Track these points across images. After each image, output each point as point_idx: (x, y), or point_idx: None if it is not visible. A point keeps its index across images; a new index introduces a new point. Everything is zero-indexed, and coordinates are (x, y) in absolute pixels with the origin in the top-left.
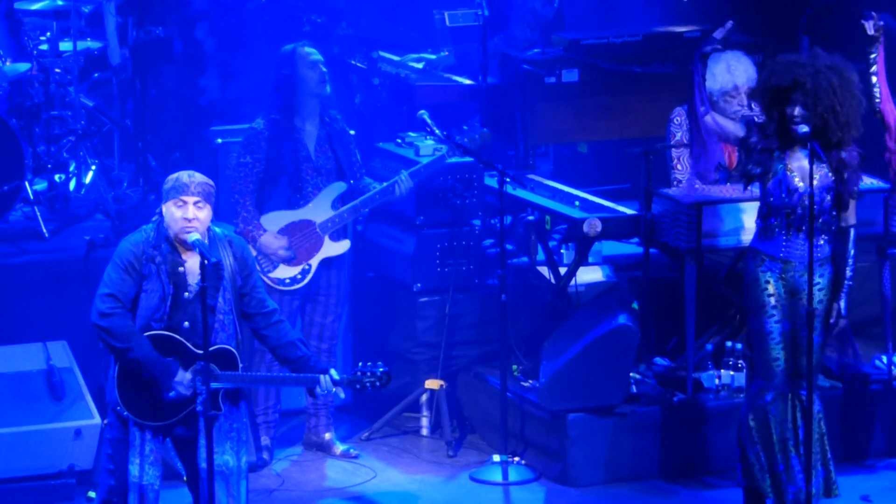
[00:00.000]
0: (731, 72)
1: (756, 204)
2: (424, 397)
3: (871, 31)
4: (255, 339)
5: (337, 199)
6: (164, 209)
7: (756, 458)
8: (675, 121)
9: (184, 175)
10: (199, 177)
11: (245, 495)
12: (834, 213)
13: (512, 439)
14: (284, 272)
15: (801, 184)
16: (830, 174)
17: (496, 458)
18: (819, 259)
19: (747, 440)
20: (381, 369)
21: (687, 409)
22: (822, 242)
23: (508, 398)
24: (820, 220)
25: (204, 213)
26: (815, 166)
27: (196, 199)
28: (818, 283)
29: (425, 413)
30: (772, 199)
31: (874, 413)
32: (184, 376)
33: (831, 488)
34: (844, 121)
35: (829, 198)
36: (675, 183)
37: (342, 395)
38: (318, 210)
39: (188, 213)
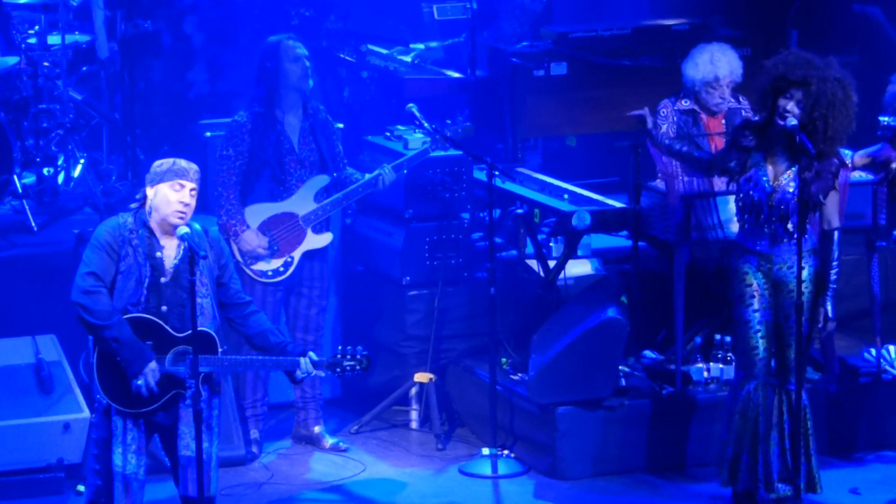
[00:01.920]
0: (714, 62)
1: None
2: (414, 391)
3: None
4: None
5: (320, 191)
6: (153, 191)
7: (735, 454)
8: (661, 113)
9: (180, 161)
10: (192, 163)
11: (216, 483)
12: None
13: (501, 432)
14: (266, 265)
15: (774, 182)
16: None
17: (485, 451)
18: (795, 251)
19: (732, 437)
20: (360, 352)
21: (676, 402)
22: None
23: (498, 391)
24: (789, 223)
25: (194, 202)
26: (787, 169)
27: (193, 185)
28: (803, 277)
29: (414, 406)
30: (741, 195)
31: (863, 406)
32: (156, 369)
33: (815, 484)
34: (832, 135)
35: (795, 200)
36: (661, 176)
37: (322, 374)
38: (301, 203)
39: (185, 198)
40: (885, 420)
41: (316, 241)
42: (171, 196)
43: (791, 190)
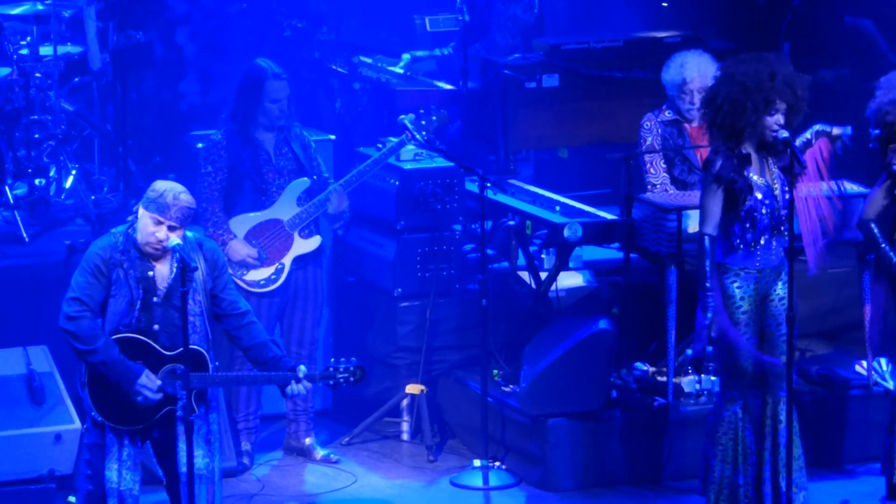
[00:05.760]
0: (684, 66)
1: None
2: (405, 402)
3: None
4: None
5: (302, 194)
6: (141, 212)
7: (721, 476)
8: (645, 126)
9: (169, 195)
10: (183, 199)
11: (220, 498)
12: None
13: (492, 444)
14: (258, 274)
15: (765, 182)
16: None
17: (477, 462)
18: (781, 257)
19: (716, 457)
20: (353, 364)
21: (667, 414)
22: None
23: (489, 403)
24: (782, 226)
25: (176, 235)
26: (764, 169)
27: (173, 223)
28: (785, 281)
29: (406, 418)
30: (756, 214)
31: (854, 418)
32: (149, 379)
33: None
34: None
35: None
36: (649, 187)
37: (309, 385)
38: (284, 208)
39: (160, 234)
40: (875, 432)
41: (305, 245)
42: (149, 227)
43: (783, 182)
